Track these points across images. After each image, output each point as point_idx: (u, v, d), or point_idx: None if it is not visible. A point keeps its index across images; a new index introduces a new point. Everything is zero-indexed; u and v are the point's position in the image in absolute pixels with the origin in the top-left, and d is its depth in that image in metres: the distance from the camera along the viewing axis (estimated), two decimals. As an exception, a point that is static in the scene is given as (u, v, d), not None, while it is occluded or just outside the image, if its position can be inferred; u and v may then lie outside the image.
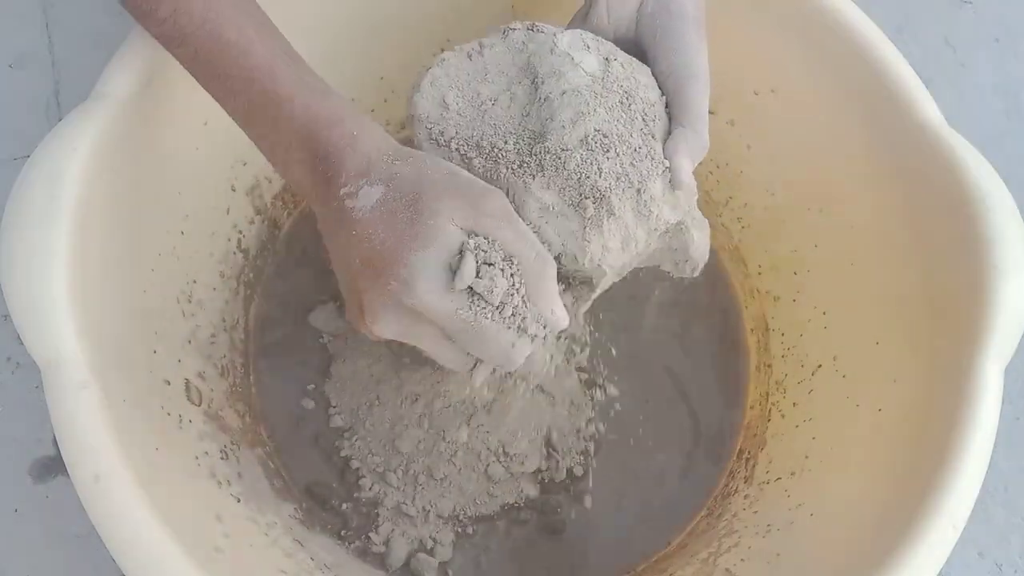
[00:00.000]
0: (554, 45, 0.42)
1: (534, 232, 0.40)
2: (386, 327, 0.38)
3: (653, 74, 0.44)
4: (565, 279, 0.43)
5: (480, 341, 0.38)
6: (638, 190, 0.41)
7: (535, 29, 0.43)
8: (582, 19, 0.47)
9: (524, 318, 0.38)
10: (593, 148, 0.40)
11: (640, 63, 0.44)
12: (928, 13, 0.79)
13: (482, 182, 0.39)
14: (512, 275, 0.37)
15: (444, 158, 0.41)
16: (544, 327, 0.39)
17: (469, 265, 0.36)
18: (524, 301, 0.38)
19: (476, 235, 0.37)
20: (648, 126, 0.42)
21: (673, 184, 0.42)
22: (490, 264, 0.37)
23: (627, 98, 0.42)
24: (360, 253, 0.37)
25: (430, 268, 0.36)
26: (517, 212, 0.39)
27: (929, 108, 0.48)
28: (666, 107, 0.43)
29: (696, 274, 0.46)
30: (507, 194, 0.40)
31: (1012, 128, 0.75)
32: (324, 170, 0.38)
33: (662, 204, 0.42)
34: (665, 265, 0.46)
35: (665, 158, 0.42)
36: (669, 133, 0.43)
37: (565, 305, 0.40)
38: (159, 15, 0.40)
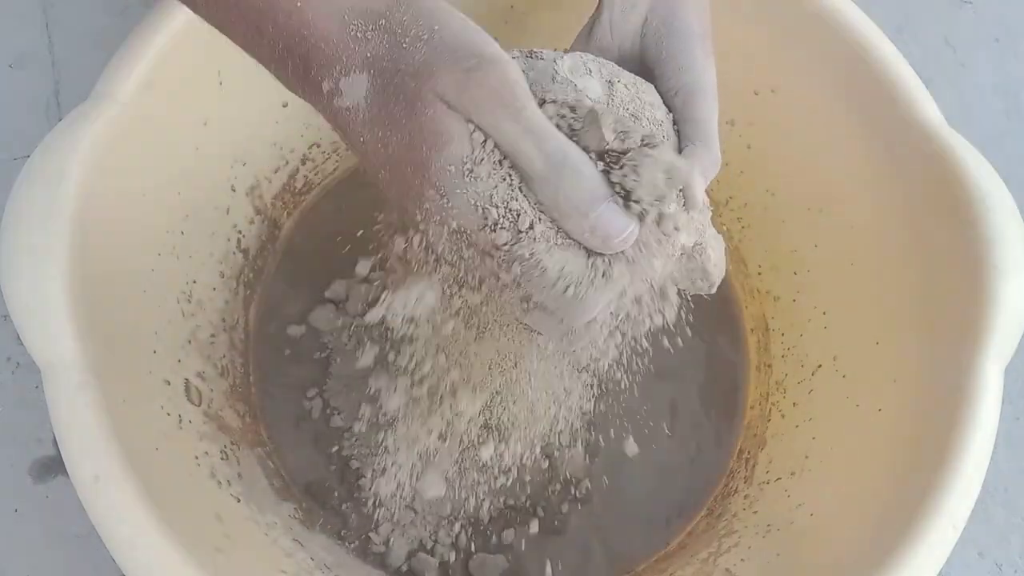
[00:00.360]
0: (555, 72, 0.40)
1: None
2: (438, 239, 0.32)
3: (660, 92, 0.43)
4: None
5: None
6: (654, 219, 0.36)
7: (534, 56, 0.41)
8: (586, 38, 0.46)
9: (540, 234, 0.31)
10: None
11: (645, 82, 0.43)
12: (928, 13, 0.79)
13: (479, 41, 0.30)
14: (510, 183, 0.30)
15: None
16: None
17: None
18: (537, 214, 0.30)
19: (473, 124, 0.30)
20: None
21: (687, 205, 0.35)
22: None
23: (634, 121, 0.41)
24: (381, 163, 0.31)
25: (458, 172, 0.29)
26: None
27: (929, 108, 0.48)
28: (674, 124, 0.43)
29: (713, 291, 0.42)
30: None
31: (1012, 128, 0.75)
32: (292, 66, 0.31)
33: (678, 229, 0.40)
34: (681, 283, 0.44)
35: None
36: (679, 151, 0.41)
37: None
38: None
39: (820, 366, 0.56)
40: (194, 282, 0.52)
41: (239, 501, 0.47)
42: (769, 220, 0.61)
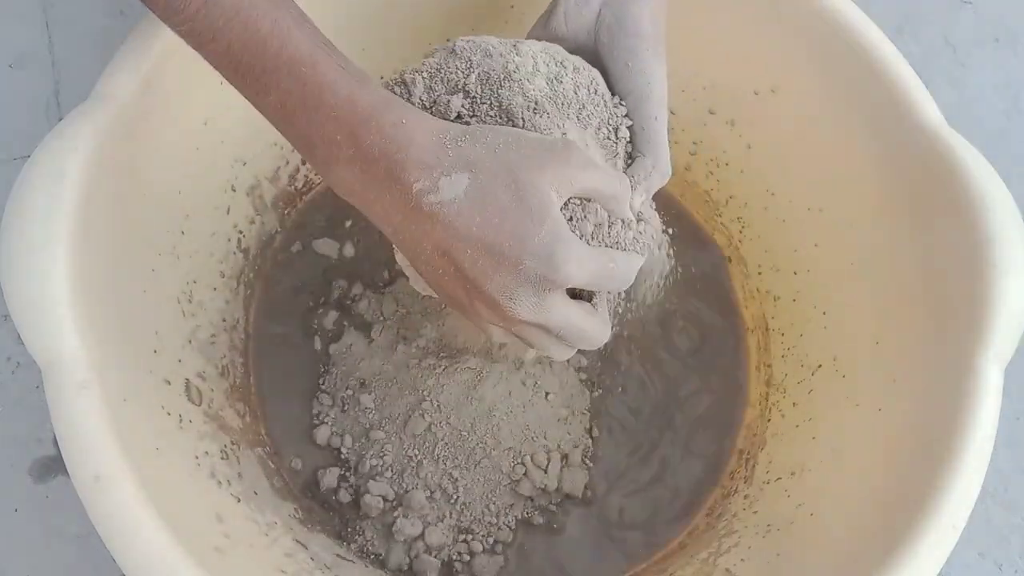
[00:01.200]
0: (509, 70, 0.41)
1: None
2: (527, 310, 0.38)
3: (612, 90, 0.44)
4: None
5: (619, 280, 0.40)
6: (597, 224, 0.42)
7: (487, 49, 0.42)
8: (543, 25, 0.46)
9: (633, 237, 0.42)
10: None
11: (594, 71, 0.44)
12: (928, 13, 0.79)
13: (549, 136, 0.39)
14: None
15: None
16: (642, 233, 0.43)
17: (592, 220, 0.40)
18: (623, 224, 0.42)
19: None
20: (608, 142, 0.43)
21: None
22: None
23: (580, 111, 0.42)
24: (471, 242, 0.36)
25: (561, 237, 0.37)
26: None
27: (929, 108, 0.48)
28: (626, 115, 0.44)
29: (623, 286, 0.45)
30: None
31: (1012, 128, 0.75)
32: (382, 167, 0.37)
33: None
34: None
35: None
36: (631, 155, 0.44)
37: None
38: (189, 10, 0.37)
39: (820, 366, 0.56)
40: (194, 282, 0.52)
41: (239, 501, 0.47)
42: (769, 220, 0.61)
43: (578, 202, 0.40)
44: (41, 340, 0.37)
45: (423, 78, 0.41)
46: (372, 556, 0.54)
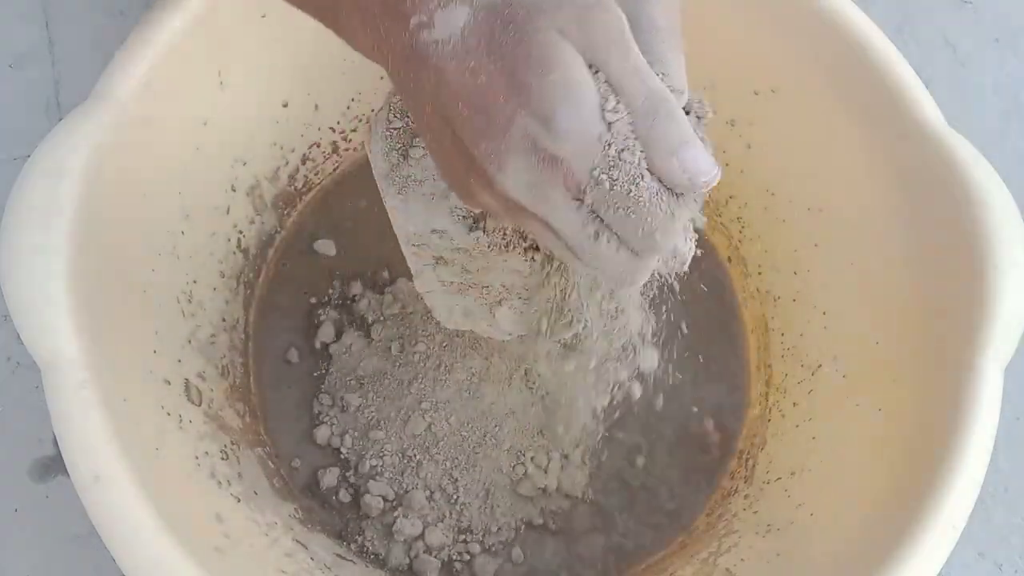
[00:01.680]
0: None
1: None
2: (517, 178, 0.31)
3: None
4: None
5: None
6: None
7: None
8: None
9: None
10: None
11: None
12: (928, 13, 0.79)
13: None
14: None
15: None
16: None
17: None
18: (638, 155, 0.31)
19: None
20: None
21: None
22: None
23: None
24: (463, 95, 0.30)
25: (565, 94, 0.30)
26: None
27: (929, 108, 0.48)
28: None
29: (685, 267, 0.42)
30: None
31: (1012, 128, 0.75)
32: (375, 5, 0.32)
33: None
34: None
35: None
36: None
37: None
38: None
39: (820, 366, 0.56)
40: (194, 282, 0.52)
41: (239, 501, 0.47)
42: (769, 220, 0.61)
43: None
44: (41, 340, 0.37)
45: None
46: (372, 556, 0.54)
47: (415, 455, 0.55)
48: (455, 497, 0.54)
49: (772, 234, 0.61)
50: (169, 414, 0.45)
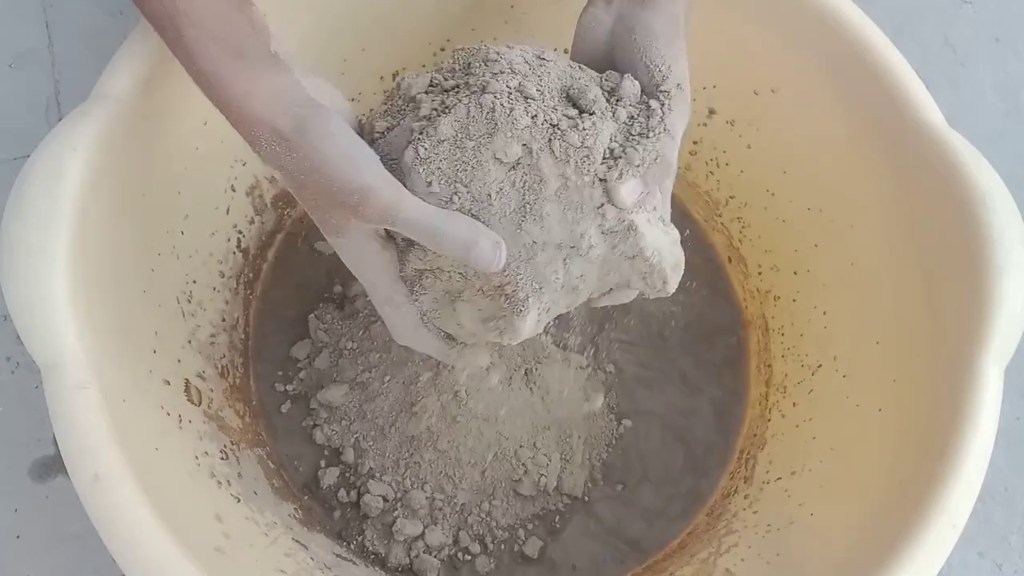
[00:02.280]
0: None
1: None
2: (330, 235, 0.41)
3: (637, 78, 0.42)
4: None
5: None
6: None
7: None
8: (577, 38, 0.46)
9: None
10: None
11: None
12: (928, 13, 0.79)
13: (356, 181, 0.38)
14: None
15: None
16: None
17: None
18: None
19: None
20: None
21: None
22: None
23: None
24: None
25: (348, 251, 0.41)
26: None
27: (929, 108, 0.48)
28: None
29: (669, 289, 0.44)
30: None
31: (1012, 128, 0.75)
32: (230, 105, 0.40)
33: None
34: (635, 283, 0.44)
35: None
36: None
37: None
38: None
39: (820, 366, 0.56)
40: (194, 282, 0.52)
41: (239, 501, 0.47)
42: (769, 220, 0.61)
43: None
44: (41, 340, 0.37)
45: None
46: (372, 556, 0.54)
47: (415, 455, 0.55)
48: (455, 497, 0.54)
49: (772, 234, 0.61)
50: (169, 414, 0.45)
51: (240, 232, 0.57)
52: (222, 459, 0.48)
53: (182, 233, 0.51)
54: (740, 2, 0.53)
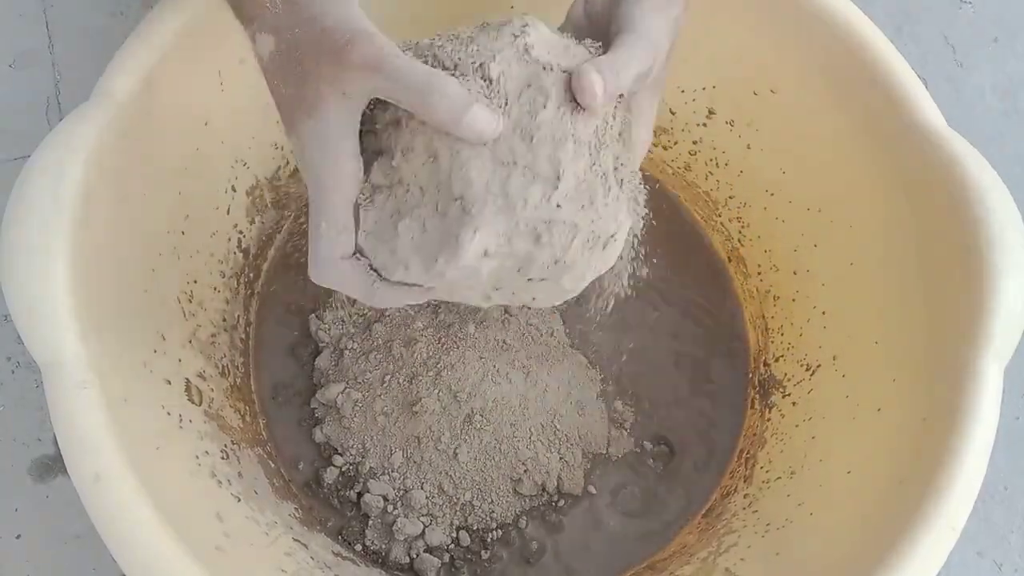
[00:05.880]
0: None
1: None
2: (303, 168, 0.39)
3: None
4: None
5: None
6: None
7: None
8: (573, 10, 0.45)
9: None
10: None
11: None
12: (927, 13, 0.79)
13: (348, 24, 0.36)
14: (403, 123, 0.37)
15: None
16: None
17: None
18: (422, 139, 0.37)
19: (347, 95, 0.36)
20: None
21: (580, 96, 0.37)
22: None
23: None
24: (274, 96, 0.38)
25: (319, 138, 0.36)
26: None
27: (928, 108, 0.48)
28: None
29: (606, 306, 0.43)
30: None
31: (1011, 128, 0.76)
32: (234, 7, 0.39)
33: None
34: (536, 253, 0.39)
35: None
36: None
37: None
38: None
39: (820, 366, 0.56)
40: (195, 282, 0.52)
41: (239, 500, 0.47)
42: (769, 220, 0.61)
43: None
44: (41, 340, 0.37)
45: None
46: (372, 555, 0.54)
47: (415, 454, 0.55)
48: (455, 496, 0.54)
49: (772, 234, 0.61)
50: (169, 414, 0.45)
51: (241, 232, 0.57)
52: (223, 458, 0.48)
53: (183, 233, 0.51)
54: (740, 2, 0.53)
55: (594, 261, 0.39)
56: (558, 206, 0.37)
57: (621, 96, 0.39)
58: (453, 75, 0.36)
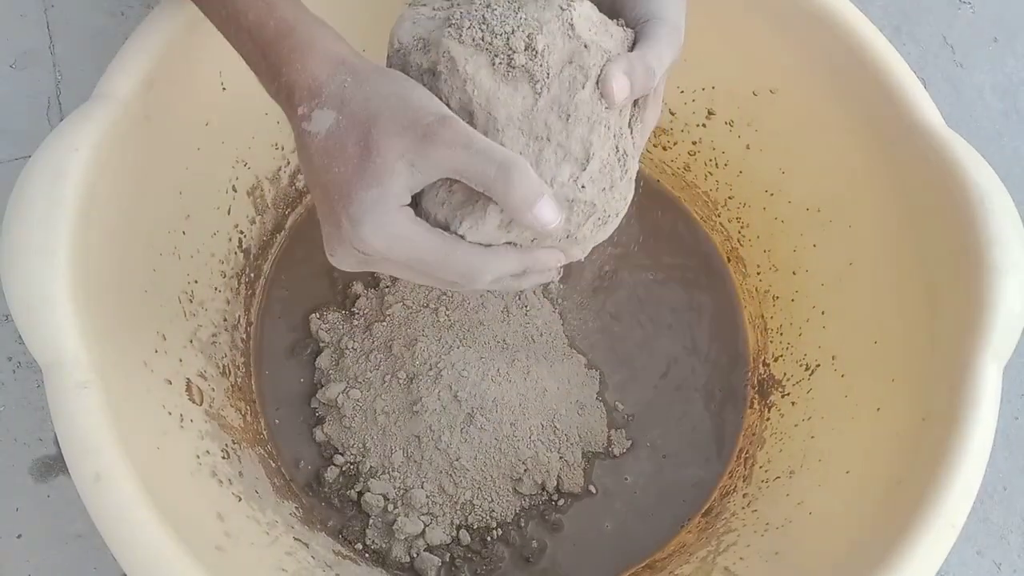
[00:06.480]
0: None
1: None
2: (342, 262, 0.38)
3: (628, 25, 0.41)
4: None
5: (446, 270, 0.37)
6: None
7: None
8: None
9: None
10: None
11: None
12: (926, 13, 0.79)
13: (436, 107, 0.36)
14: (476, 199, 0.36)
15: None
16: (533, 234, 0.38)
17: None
18: (501, 220, 0.37)
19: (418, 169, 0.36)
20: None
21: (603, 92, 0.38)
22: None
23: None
24: (318, 182, 0.37)
25: (378, 209, 0.36)
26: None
27: (927, 108, 0.48)
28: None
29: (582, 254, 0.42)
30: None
31: (1010, 128, 0.76)
32: (280, 87, 0.38)
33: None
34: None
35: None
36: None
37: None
38: None
39: (819, 366, 0.56)
40: (196, 282, 0.52)
41: (240, 500, 0.47)
42: (768, 220, 0.61)
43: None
44: (42, 340, 0.37)
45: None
46: (373, 554, 0.54)
47: (416, 454, 0.55)
48: (455, 495, 0.54)
49: (771, 234, 0.61)
50: (170, 413, 0.45)
51: (241, 232, 0.57)
52: (223, 458, 0.48)
53: (183, 233, 0.51)
54: (740, 3, 0.53)
55: (599, 235, 0.41)
56: (583, 187, 0.38)
57: None
58: (498, 41, 0.37)
